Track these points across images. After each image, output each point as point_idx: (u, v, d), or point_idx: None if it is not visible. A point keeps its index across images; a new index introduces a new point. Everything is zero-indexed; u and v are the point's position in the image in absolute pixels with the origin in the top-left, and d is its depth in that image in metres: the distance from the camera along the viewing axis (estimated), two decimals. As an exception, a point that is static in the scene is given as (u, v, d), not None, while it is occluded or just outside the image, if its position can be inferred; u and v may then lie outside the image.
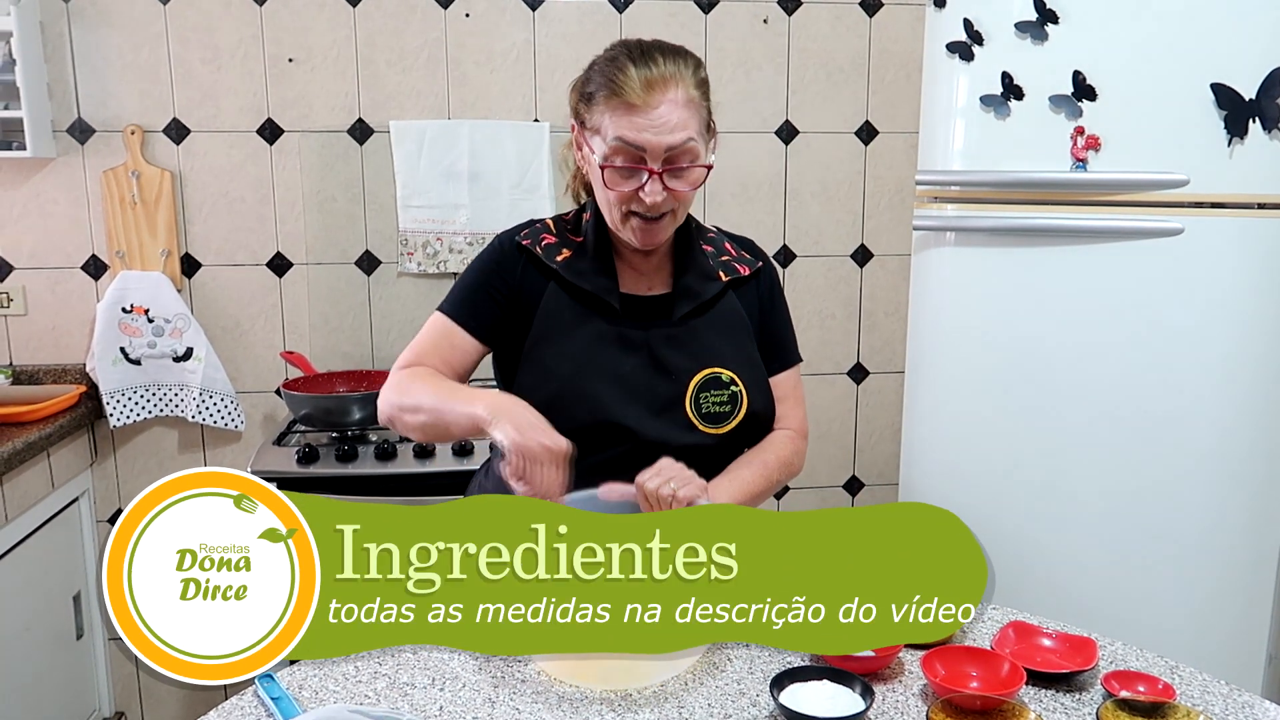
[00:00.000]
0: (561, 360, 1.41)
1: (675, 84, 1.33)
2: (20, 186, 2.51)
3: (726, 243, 1.56)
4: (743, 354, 1.48)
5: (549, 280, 1.45)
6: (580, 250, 1.46)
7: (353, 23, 2.56)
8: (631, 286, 1.47)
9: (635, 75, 1.32)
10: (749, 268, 1.52)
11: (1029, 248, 1.94)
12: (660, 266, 1.49)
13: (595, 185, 1.41)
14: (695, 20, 2.67)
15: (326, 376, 2.52)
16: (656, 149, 1.32)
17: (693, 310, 1.45)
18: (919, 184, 2.10)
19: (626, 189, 1.34)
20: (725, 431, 1.44)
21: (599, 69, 1.37)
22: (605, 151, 1.34)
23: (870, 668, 1.17)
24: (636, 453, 1.38)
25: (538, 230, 1.50)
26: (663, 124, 1.31)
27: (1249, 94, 1.74)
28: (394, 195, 2.61)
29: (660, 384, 1.42)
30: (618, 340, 1.43)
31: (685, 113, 1.33)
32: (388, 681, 1.17)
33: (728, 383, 1.43)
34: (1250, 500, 1.88)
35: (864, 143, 2.80)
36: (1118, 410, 1.88)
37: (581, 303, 1.44)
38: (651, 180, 1.33)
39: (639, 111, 1.31)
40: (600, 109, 1.35)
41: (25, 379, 2.57)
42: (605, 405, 1.39)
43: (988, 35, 1.93)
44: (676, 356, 1.43)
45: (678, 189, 1.36)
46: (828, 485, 2.93)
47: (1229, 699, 1.15)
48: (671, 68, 1.34)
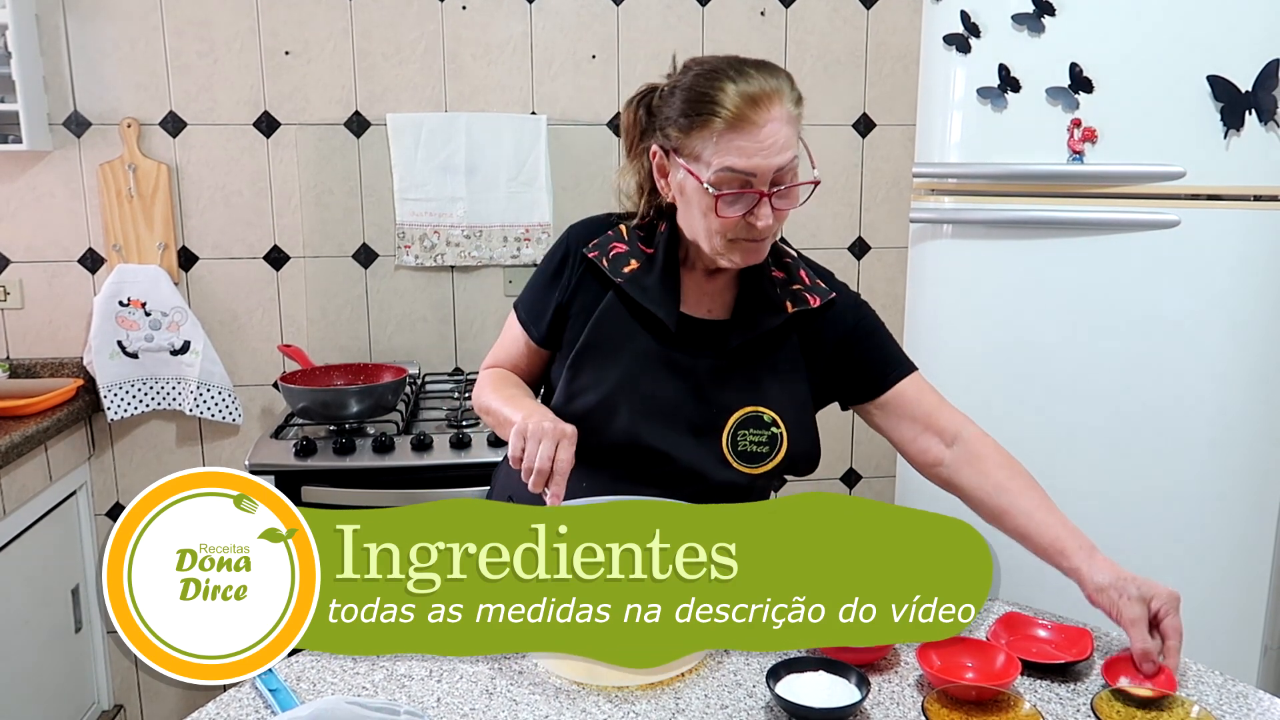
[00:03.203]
0: (605, 374, 1.39)
1: (777, 100, 1.26)
2: (16, 180, 2.51)
3: (802, 270, 1.47)
4: (789, 394, 1.41)
5: (609, 291, 1.41)
6: (649, 264, 1.41)
7: (349, 15, 2.55)
8: (692, 308, 1.42)
9: (737, 94, 1.25)
10: (819, 297, 1.44)
11: (1026, 240, 1.94)
12: (725, 289, 1.43)
13: (691, 210, 1.33)
14: (692, 13, 2.67)
15: (324, 370, 2.52)
16: (766, 172, 1.26)
17: (748, 344, 1.40)
18: (916, 176, 2.10)
19: (734, 214, 1.28)
20: (761, 472, 1.40)
21: (685, 94, 1.29)
22: (710, 181, 1.26)
23: (866, 659, 1.18)
24: (668, 477, 1.36)
25: (609, 239, 1.44)
26: (770, 145, 1.25)
27: (1245, 86, 1.74)
28: (391, 188, 2.61)
29: (699, 414, 1.38)
30: (665, 363, 1.39)
31: (790, 130, 1.27)
32: (385, 673, 1.17)
33: (769, 423, 1.39)
34: (1246, 491, 1.88)
35: (861, 135, 2.80)
36: (1114, 402, 1.88)
37: (637, 319, 1.40)
38: (761, 204, 1.27)
39: (745, 134, 1.24)
40: (698, 136, 1.27)
41: (22, 372, 2.57)
42: (639, 428, 1.37)
43: (985, 27, 1.93)
44: (720, 390, 1.39)
45: (784, 208, 1.31)
46: (825, 478, 2.94)
47: (1224, 689, 1.16)
48: (772, 83, 1.27)
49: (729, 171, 1.26)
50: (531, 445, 1.22)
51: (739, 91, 1.25)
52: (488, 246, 2.65)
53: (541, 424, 1.23)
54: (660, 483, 1.34)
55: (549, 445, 1.22)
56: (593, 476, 1.35)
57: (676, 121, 1.30)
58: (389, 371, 2.49)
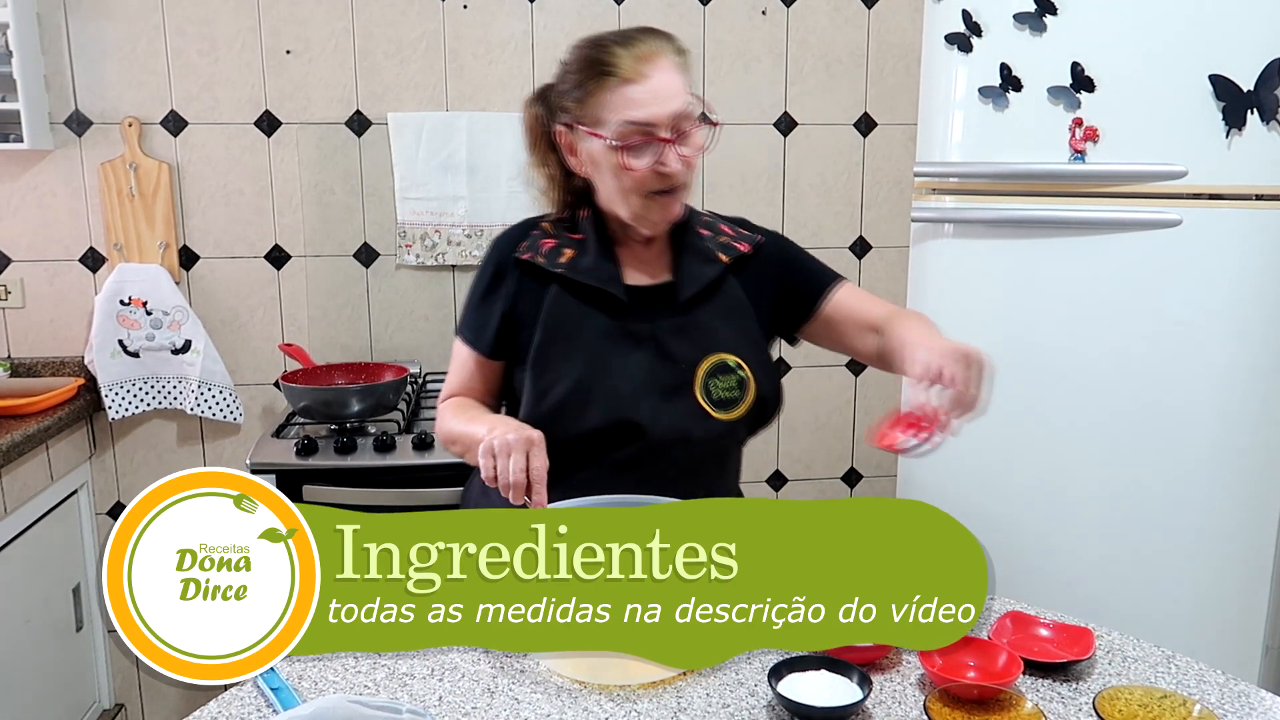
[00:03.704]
0: (570, 362, 1.42)
1: (661, 54, 1.36)
2: (17, 179, 2.51)
3: (722, 224, 1.56)
4: (747, 338, 1.48)
5: (550, 284, 1.45)
6: (581, 248, 1.46)
7: (350, 14, 2.55)
8: (635, 277, 1.48)
9: (623, 54, 1.34)
10: (749, 244, 1.52)
11: (1027, 239, 1.94)
12: (661, 254, 1.50)
13: (604, 177, 1.41)
14: (693, 12, 2.67)
15: (325, 369, 2.52)
16: (664, 120, 1.33)
17: (696, 297, 1.46)
18: (917, 176, 2.10)
19: (643, 166, 1.35)
20: (736, 417, 1.45)
21: (578, 66, 1.38)
22: (614, 137, 1.34)
23: (868, 657, 1.18)
24: (653, 445, 1.40)
25: (536, 238, 1.49)
26: (664, 94, 1.33)
27: (1247, 85, 1.74)
28: (392, 187, 2.61)
29: (669, 375, 1.43)
30: (624, 336, 1.43)
31: (679, 79, 1.36)
32: (387, 672, 1.17)
33: (734, 368, 1.44)
34: (1248, 490, 1.88)
35: (862, 134, 2.80)
36: (1116, 401, 1.88)
37: (586, 300, 1.44)
38: (668, 150, 1.35)
39: (638, 86, 1.33)
40: (596, 99, 1.35)
41: (23, 372, 2.57)
42: (617, 403, 1.40)
43: (986, 27, 1.93)
44: (683, 346, 1.44)
45: (689, 154, 1.37)
46: (826, 477, 2.94)
47: (1226, 688, 1.16)
48: (652, 41, 1.37)
49: (630, 124, 1.34)
50: (502, 461, 1.23)
51: (626, 52, 1.34)
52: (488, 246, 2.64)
53: (506, 436, 1.24)
54: (647, 453, 1.39)
55: (519, 457, 1.23)
56: (581, 464, 1.37)
57: (572, 93, 1.39)
58: (390, 371, 2.49)
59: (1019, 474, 1.98)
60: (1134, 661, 1.21)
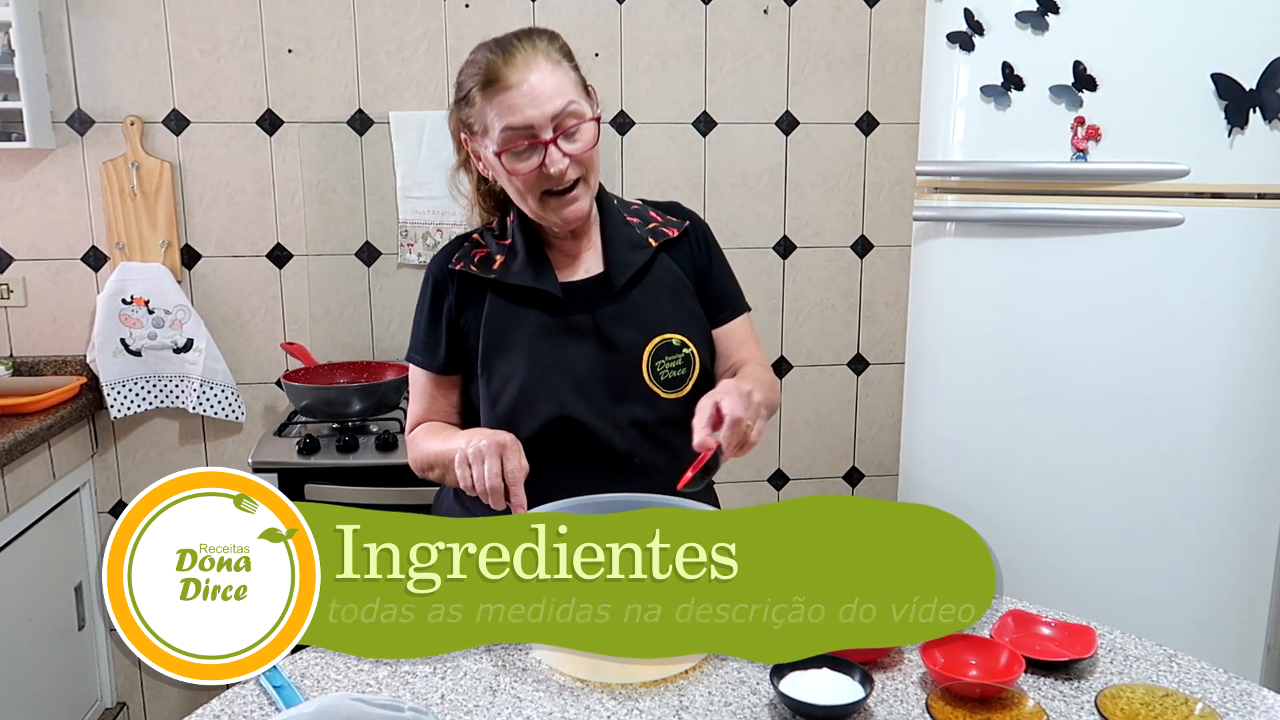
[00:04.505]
0: (514, 365, 1.43)
1: (535, 56, 1.36)
2: (20, 178, 2.51)
3: (651, 210, 1.57)
4: (687, 314, 1.50)
5: (487, 292, 1.47)
6: (511, 252, 1.48)
7: (352, 13, 2.55)
8: (568, 274, 1.49)
9: (497, 61, 1.35)
10: (676, 229, 1.54)
11: (1029, 238, 1.93)
12: (590, 247, 1.51)
13: (504, 182, 1.43)
14: (695, 11, 2.67)
15: (327, 368, 2.52)
16: (542, 120, 1.34)
17: (631, 280, 1.47)
18: (919, 175, 2.10)
19: (529, 168, 1.36)
20: (684, 395, 1.46)
21: (465, 76, 1.40)
22: (498, 143, 1.36)
23: (870, 656, 1.18)
24: (609, 435, 1.42)
25: (468, 249, 1.51)
26: (537, 96, 1.34)
27: (1250, 84, 1.74)
28: (394, 186, 2.61)
29: (615, 363, 1.44)
30: (564, 331, 1.45)
31: (556, 78, 1.36)
32: (389, 670, 1.17)
33: (679, 346, 1.46)
34: (1249, 489, 1.88)
35: (864, 133, 2.80)
36: (1117, 400, 1.88)
37: (522, 302, 1.45)
38: (549, 150, 1.35)
39: (511, 93, 1.34)
40: (478, 107, 1.37)
41: (26, 370, 2.57)
42: (564, 398, 1.41)
43: (988, 25, 1.93)
44: (625, 331, 1.45)
45: (575, 152, 1.38)
46: (828, 476, 2.93)
47: (1228, 687, 1.16)
48: (527, 45, 1.37)
49: (509, 130, 1.35)
50: (477, 468, 1.25)
51: (501, 58, 1.36)
52: (490, 244, 2.65)
53: (478, 444, 1.25)
54: (603, 442, 1.41)
55: (493, 461, 1.24)
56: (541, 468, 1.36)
57: (461, 103, 1.42)
58: (392, 369, 2.49)
59: (1020, 472, 1.98)
60: (1136, 660, 1.21)
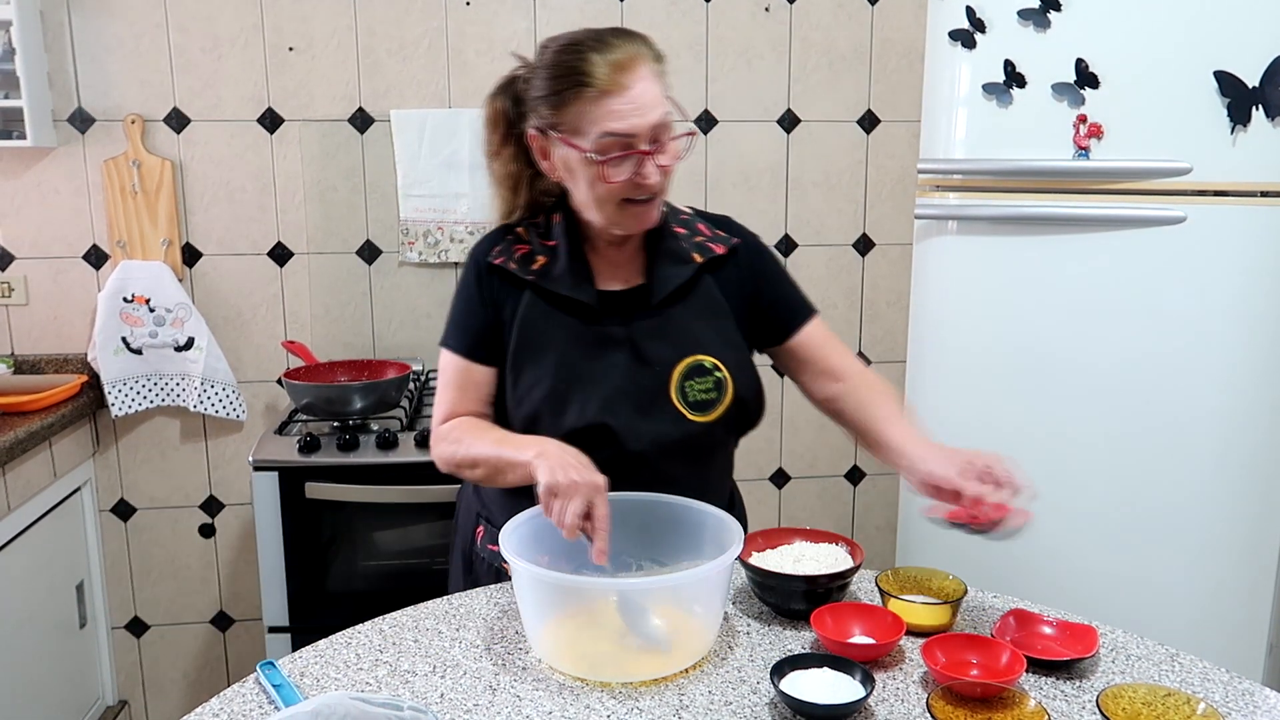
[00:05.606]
0: (544, 369, 1.40)
1: (641, 61, 1.32)
2: (21, 176, 2.51)
3: (700, 223, 1.52)
4: (724, 338, 1.46)
5: (525, 290, 1.44)
6: (554, 255, 1.44)
7: (353, 11, 2.55)
8: (608, 282, 1.46)
9: (603, 62, 1.30)
10: (724, 246, 1.49)
11: (1031, 236, 1.93)
12: (634, 256, 1.47)
13: (578, 184, 1.37)
14: (697, 8, 2.66)
15: (328, 366, 2.52)
16: (644, 131, 1.30)
17: (670, 297, 1.44)
18: (921, 173, 2.10)
19: (622, 177, 1.33)
20: (713, 419, 1.43)
21: (552, 71, 1.34)
22: (593, 149, 1.31)
23: (871, 655, 1.17)
24: (631, 449, 1.38)
25: (510, 243, 1.47)
26: (643, 104, 1.30)
27: (1252, 82, 1.74)
28: (395, 184, 2.61)
29: (644, 378, 1.41)
30: (598, 340, 1.42)
31: (657, 87, 1.32)
32: (389, 669, 1.17)
33: (711, 369, 1.42)
34: (1252, 488, 1.87)
35: (866, 131, 2.79)
36: (1119, 399, 1.88)
37: (559, 307, 1.42)
38: (645, 163, 1.32)
39: (617, 98, 1.29)
40: (573, 109, 1.31)
41: (27, 369, 2.57)
42: (590, 408, 1.38)
43: (990, 23, 1.93)
44: (659, 347, 1.42)
45: (668, 164, 1.35)
46: (829, 475, 2.93)
47: (1230, 687, 1.15)
48: (633, 46, 1.33)
49: (609, 136, 1.30)
50: (562, 503, 1.20)
51: (604, 60, 1.30)
52: (491, 243, 2.65)
53: (572, 477, 1.21)
54: (624, 455, 1.37)
55: (579, 503, 1.20)
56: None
57: (548, 99, 1.34)
58: (393, 368, 2.49)
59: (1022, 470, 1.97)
60: (1138, 660, 1.21)
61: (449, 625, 1.29)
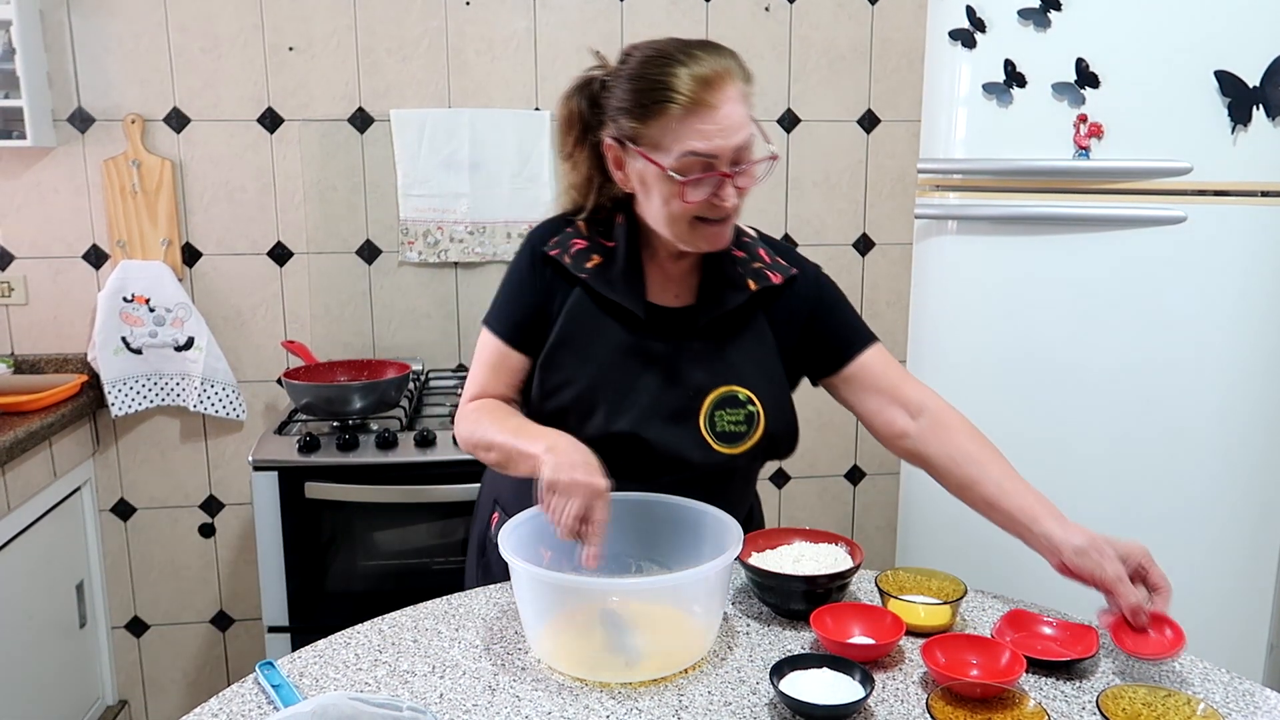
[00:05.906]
0: (578, 370, 1.38)
1: (729, 79, 1.27)
2: (21, 176, 2.51)
3: (762, 248, 1.48)
4: (763, 371, 1.42)
5: (575, 286, 1.41)
6: (611, 257, 1.41)
7: (353, 11, 2.55)
8: (658, 296, 1.43)
9: (690, 78, 1.25)
10: (781, 275, 1.45)
11: (1031, 236, 1.93)
12: (690, 272, 1.44)
13: (651, 198, 1.33)
14: (696, 8, 2.66)
15: (328, 366, 2.52)
16: (727, 153, 1.26)
17: (717, 322, 1.41)
18: (921, 172, 2.10)
19: (700, 197, 1.29)
20: (740, 452, 1.40)
21: (637, 83, 1.29)
22: (674, 167, 1.27)
23: (870, 655, 1.17)
24: (650, 465, 1.37)
25: (568, 236, 1.43)
26: (729, 126, 1.26)
27: (1253, 81, 1.74)
28: (395, 184, 2.61)
29: (675, 399, 1.38)
30: (638, 352, 1.39)
31: (743, 108, 1.28)
32: (388, 669, 1.17)
33: (744, 402, 1.39)
34: (1252, 488, 1.87)
35: (866, 131, 2.79)
36: (1119, 398, 1.88)
37: (606, 311, 1.40)
38: (725, 185, 1.28)
39: (703, 118, 1.25)
40: (657, 123, 1.27)
41: (27, 368, 2.57)
42: (617, 419, 1.36)
43: (990, 22, 1.92)
44: (695, 372, 1.39)
45: (747, 187, 1.31)
46: (829, 475, 2.93)
47: (1230, 687, 1.15)
48: (722, 63, 1.27)
49: (692, 156, 1.26)
50: (561, 501, 1.19)
51: (691, 75, 1.25)
52: (491, 243, 2.65)
53: (575, 477, 1.19)
54: (642, 471, 1.35)
55: (578, 505, 1.18)
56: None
57: (630, 111, 1.29)
58: (392, 368, 2.49)
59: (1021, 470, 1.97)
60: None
61: (448, 625, 1.28)
